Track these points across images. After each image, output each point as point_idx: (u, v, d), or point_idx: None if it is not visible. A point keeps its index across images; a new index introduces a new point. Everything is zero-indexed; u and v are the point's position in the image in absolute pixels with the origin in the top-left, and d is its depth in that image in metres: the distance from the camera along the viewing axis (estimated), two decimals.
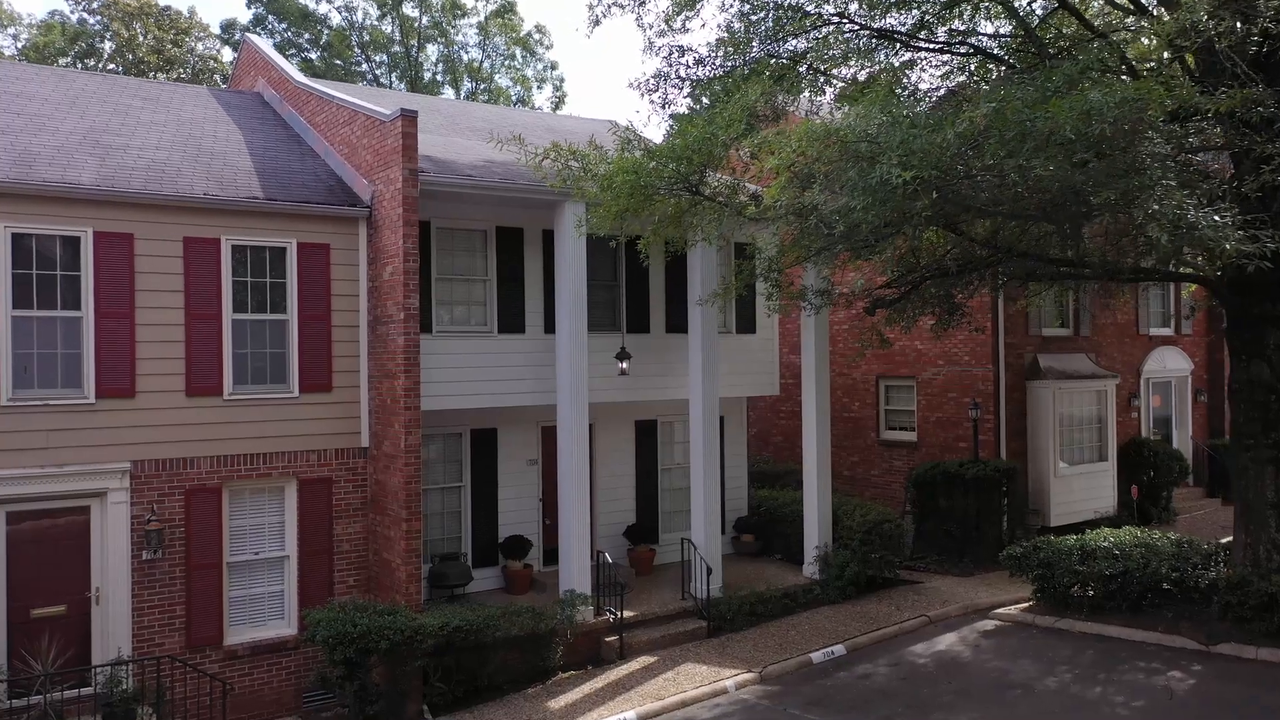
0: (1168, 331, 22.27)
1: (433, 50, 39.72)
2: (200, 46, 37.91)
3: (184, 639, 12.23)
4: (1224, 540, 17.50)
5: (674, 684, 12.92)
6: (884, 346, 15.33)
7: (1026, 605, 15.41)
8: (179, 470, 12.26)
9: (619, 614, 14.11)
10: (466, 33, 39.41)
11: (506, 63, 40.12)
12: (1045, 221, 9.81)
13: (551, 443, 16.54)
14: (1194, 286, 20.47)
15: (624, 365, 15.53)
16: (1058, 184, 7.71)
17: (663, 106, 13.28)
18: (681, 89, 13.41)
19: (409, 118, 12.61)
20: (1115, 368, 20.66)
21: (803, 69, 13.55)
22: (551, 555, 16.49)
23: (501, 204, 14.43)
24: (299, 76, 16.53)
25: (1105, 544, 14.74)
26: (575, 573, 14.21)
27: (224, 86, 20.79)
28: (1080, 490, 19.31)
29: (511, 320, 15.23)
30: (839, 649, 14.09)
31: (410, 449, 12.61)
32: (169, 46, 36.00)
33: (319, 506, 13.14)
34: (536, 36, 40.15)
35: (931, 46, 13.92)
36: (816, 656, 13.83)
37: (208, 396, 12.44)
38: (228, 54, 38.07)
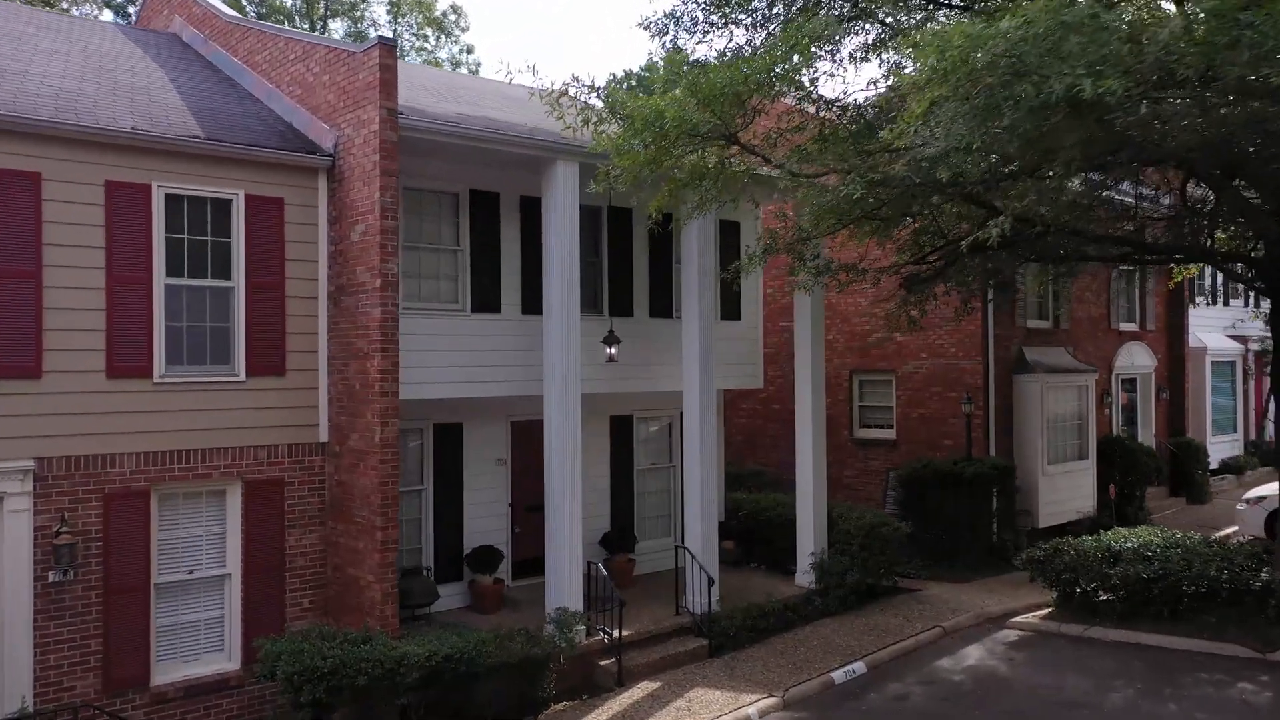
0: (1134, 327, 21.78)
1: (338, 27, 36.96)
2: (75, 11, 34.17)
3: (101, 680, 9.83)
4: (1216, 536, 16.89)
5: (688, 714, 11.18)
6: (912, 328, 13.95)
7: (1046, 613, 14.26)
8: (97, 470, 9.86)
9: (617, 634, 12.27)
10: (376, 9, 36.86)
11: (419, 44, 37.67)
12: (1211, 166, 8.52)
13: (522, 440, 14.62)
14: (1181, 275, 19.99)
15: (612, 351, 13.73)
16: None
17: (675, 52, 11.54)
18: (694, 34, 11.72)
19: (387, 47, 10.58)
20: (1091, 362, 19.95)
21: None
22: (523, 568, 14.54)
23: (482, 161, 12.49)
24: (229, 11, 14.17)
25: (1130, 545, 13.74)
26: (566, 587, 12.32)
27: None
28: (1065, 490, 18.45)
29: (486, 298, 13.24)
30: (859, 666, 12.61)
31: (387, 443, 10.53)
32: (35, 2, 32.24)
33: (268, 513, 10.89)
34: (452, 17, 37.85)
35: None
36: (838, 676, 12.30)
37: (134, 378, 10.08)
38: (107, 17, 34.46)
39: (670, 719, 11.06)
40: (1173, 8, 6.58)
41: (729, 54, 11.60)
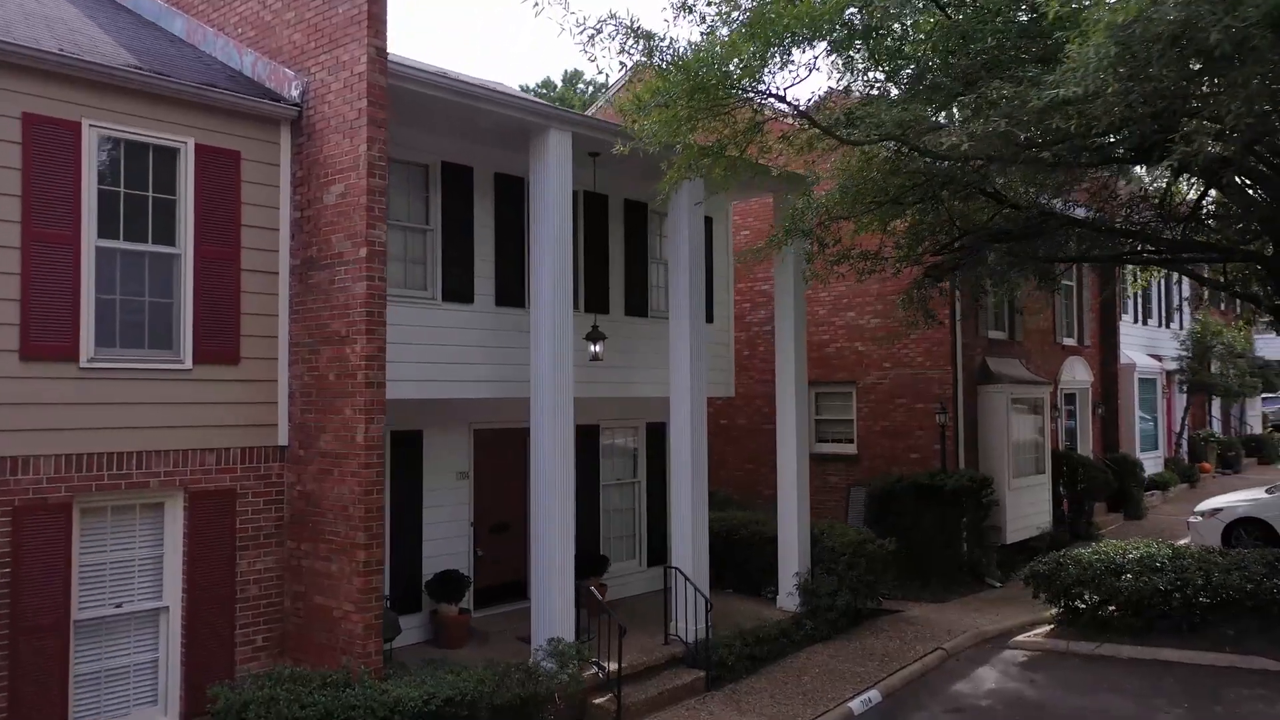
0: (1073, 341, 21.70)
1: None
2: None
3: None
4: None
5: None
6: (929, 325, 13.02)
7: (1048, 631, 13.49)
8: (5, 476, 7.77)
9: (615, 666, 10.78)
10: None
11: None
12: None
13: (485, 451, 13.03)
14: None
15: (597, 348, 12.30)
16: None
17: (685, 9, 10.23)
18: None
19: None
20: (1041, 375, 19.64)
21: None
22: (487, 596, 12.88)
23: (462, 127, 10.98)
24: None
25: (1133, 556, 13.14)
26: (557, 614, 10.77)
27: None
28: (1027, 504, 17.94)
29: (459, 286, 11.64)
30: (874, 695, 11.46)
31: (372, 443, 8.80)
32: None
33: (217, 531, 8.94)
34: None
35: None
36: (855, 706, 11.13)
37: (55, 361, 8.05)
38: None
39: None
40: None
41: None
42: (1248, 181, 12.50)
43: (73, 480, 8.08)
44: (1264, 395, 32.79)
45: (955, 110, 7.95)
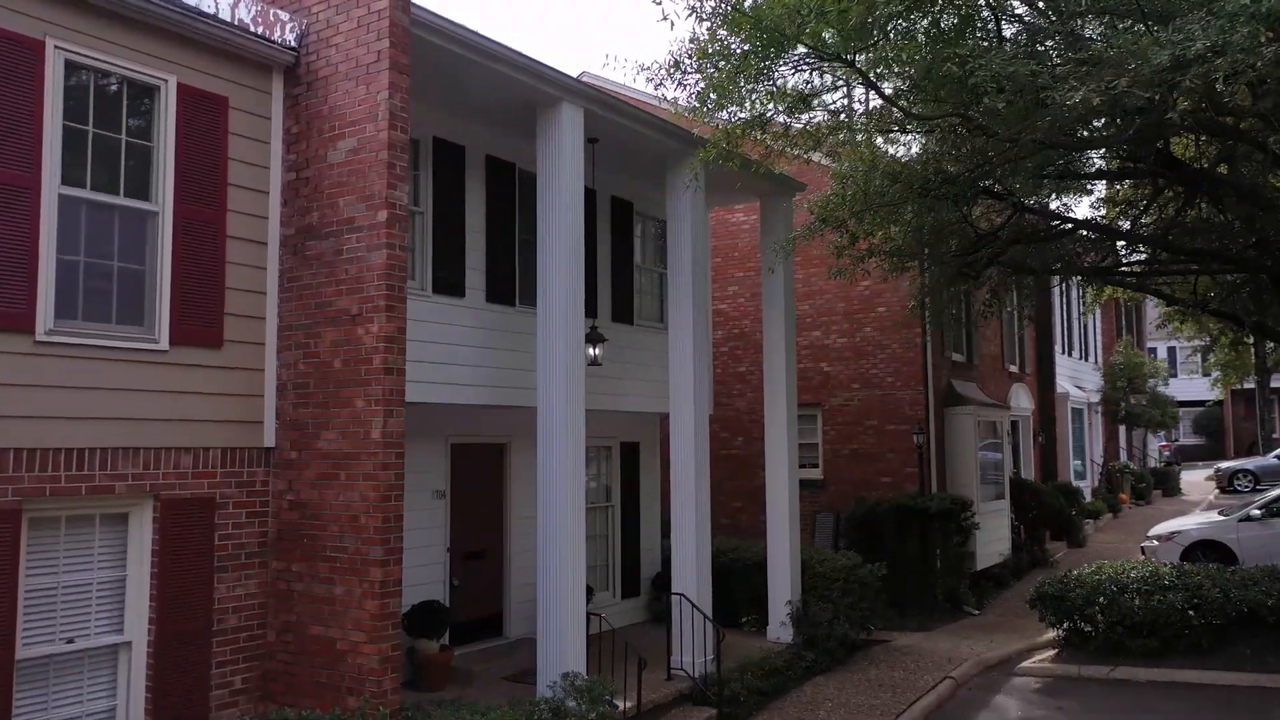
0: (1016, 368, 21.68)
1: None
2: None
3: None
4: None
5: None
6: (949, 329, 12.38)
7: (1053, 655, 12.91)
8: None
9: (633, 703, 9.59)
10: None
11: None
12: None
13: (461, 468, 11.67)
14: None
15: (596, 352, 11.16)
16: None
17: None
18: None
19: None
20: (996, 400, 19.44)
21: None
22: (464, 631, 11.45)
23: (459, 99, 9.90)
24: None
25: (1134, 575, 12.75)
26: (568, 647, 9.51)
27: None
28: (992, 529, 17.52)
29: (450, 277, 10.38)
30: None
31: (390, 440, 7.43)
32: None
33: (192, 548, 7.35)
34: None
35: None
36: None
37: (6, 332, 6.44)
38: None
39: None
40: None
41: None
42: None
43: (23, 482, 6.44)
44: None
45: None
